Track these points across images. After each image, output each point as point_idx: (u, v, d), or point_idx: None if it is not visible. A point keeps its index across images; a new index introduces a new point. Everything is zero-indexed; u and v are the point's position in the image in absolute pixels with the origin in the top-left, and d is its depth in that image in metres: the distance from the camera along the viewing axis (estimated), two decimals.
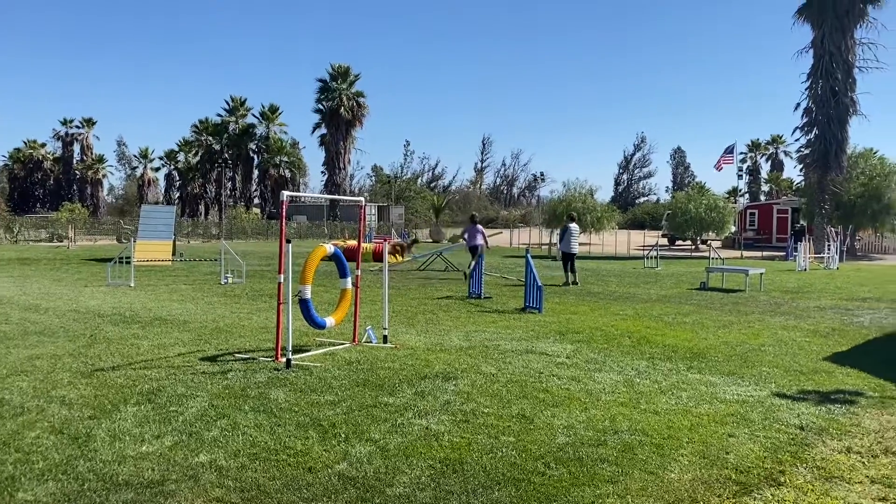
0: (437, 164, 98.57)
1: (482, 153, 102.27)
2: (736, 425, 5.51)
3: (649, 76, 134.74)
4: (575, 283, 16.94)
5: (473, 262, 19.72)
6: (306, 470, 4.45)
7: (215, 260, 19.71)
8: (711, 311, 12.34)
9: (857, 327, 10.79)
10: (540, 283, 11.99)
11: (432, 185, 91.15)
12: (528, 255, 12.89)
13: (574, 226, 17.47)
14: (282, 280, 7.42)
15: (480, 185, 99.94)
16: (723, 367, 7.70)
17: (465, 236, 19.30)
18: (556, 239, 34.01)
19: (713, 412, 5.87)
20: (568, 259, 17.12)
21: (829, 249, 26.17)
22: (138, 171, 72.88)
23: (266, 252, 29.61)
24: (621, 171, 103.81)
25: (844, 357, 8.40)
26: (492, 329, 9.99)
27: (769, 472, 4.53)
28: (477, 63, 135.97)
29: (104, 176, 72.88)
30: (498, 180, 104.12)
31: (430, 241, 45.73)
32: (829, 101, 33.83)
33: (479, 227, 18.91)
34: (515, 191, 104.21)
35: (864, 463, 4.75)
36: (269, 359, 7.59)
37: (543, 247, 36.85)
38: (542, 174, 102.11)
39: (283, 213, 8.19)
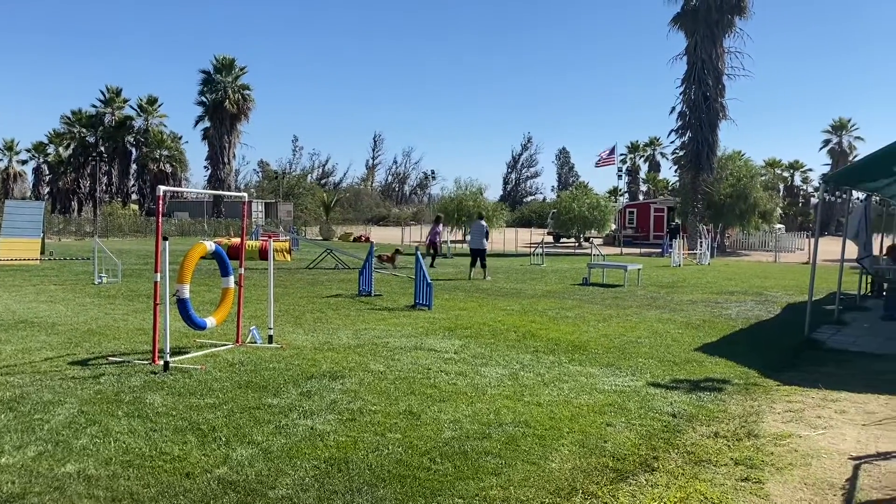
0: (327, 161, 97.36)
1: (373, 150, 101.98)
2: (613, 414, 5.74)
3: (535, 78, 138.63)
4: (469, 278, 17.95)
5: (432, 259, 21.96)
6: (183, 476, 4.26)
7: (88, 259, 18.65)
8: (592, 306, 12.80)
9: (726, 319, 11.50)
10: (429, 281, 12.05)
11: (322, 181, 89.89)
12: (418, 253, 12.94)
13: (481, 223, 18.65)
14: (158, 279, 7.09)
15: (372, 183, 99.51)
16: (602, 358, 8.00)
17: (438, 237, 21.25)
18: (445, 237, 34.38)
19: (592, 402, 6.08)
20: (475, 255, 18.25)
21: (701, 246, 27.78)
22: (2, 164, 67.88)
23: (144, 250, 28.26)
24: (510, 170, 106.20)
25: (713, 347, 8.92)
26: (381, 326, 9.95)
27: (644, 459, 4.73)
28: (367, 60, 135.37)
29: None
30: (389, 178, 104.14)
31: (321, 238, 45.09)
32: (702, 106, 35.88)
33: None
34: (407, 189, 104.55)
35: (729, 446, 5.05)
36: (146, 362, 7.24)
37: None
38: (433, 172, 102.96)
39: (160, 210, 7.83)
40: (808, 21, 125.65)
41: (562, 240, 44.72)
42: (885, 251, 15.72)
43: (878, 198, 14.80)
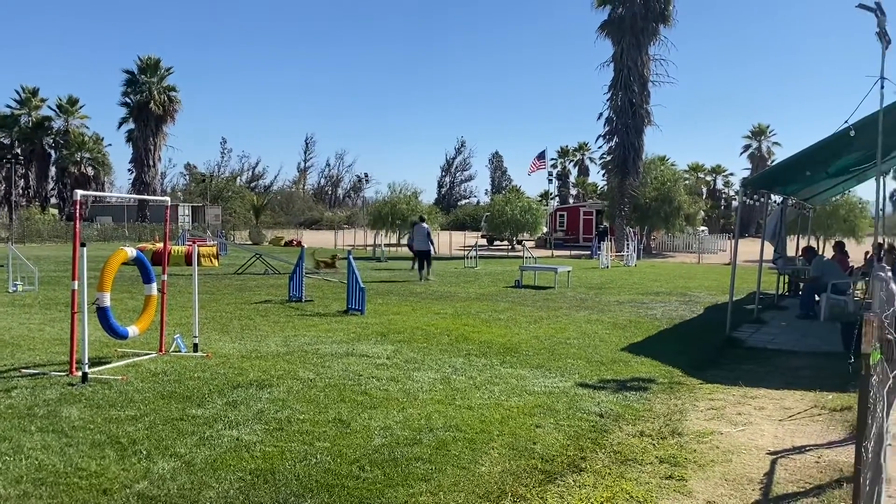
0: (257, 163, 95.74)
1: (305, 153, 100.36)
2: (543, 416, 5.80)
3: (468, 82, 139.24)
4: (427, 279, 18.61)
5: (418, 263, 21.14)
6: (101, 492, 4.09)
7: (2, 266, 17.79)
8: (524, 308, 12.94)
9: (651, 319, 11.79)
10: (362, 285, 11.94)
11: (252, 184, 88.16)
12: (350, 257, 12.82)
13: (423, 225, 19.50)
14: (76, 287, 6.81)
15: (304, 186, 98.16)
16: (532, 360, 8.08)
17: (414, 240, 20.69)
18: (379, 241, 34.27)
19: (522, 404, 6.13)
20: (421, 256, 19.10)
21: (628, 248, 28.48)
22: None
23: (63, 256, 27.12)
24: (444, 173, 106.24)
25: (639, 347, 9.13)
26: (312, 333, 9.81)
27: (572, 459, 4.79)
28: (297, 63, 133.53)
29: None
30: (322, 181, 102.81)
31: (250, 243, 44.26)
32: (628, 112, 36.78)
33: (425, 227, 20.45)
34: (340, 192, 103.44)
35: (654, 445, 5.17)
36: (63, 373, 6.94)
37: (368, 248, 36.89)
38: (366, 175, 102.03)
39: (77, 215, 7.53)
40: (729, 29, 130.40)
41: (495, 243, 45.13)
42: (800, 252, 16.42)
43: (793, 200, 15.44)
